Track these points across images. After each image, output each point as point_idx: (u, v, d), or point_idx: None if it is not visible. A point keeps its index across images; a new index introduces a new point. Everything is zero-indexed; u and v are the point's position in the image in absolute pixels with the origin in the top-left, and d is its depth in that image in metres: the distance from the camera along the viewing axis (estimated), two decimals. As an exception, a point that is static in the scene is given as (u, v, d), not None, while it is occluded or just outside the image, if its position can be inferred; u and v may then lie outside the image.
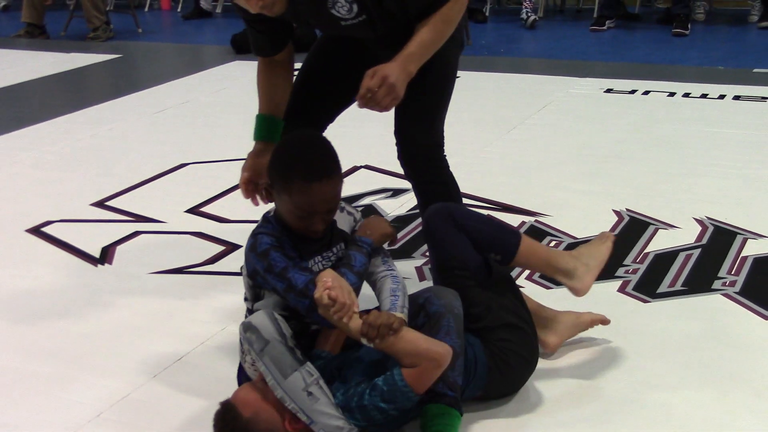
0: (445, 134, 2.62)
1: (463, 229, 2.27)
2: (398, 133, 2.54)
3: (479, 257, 2.28)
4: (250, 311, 2.23)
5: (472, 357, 2.15)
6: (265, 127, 2.56)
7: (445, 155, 2.61)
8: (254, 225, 2.18)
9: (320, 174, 2.05)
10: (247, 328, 1.98)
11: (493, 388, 2.20)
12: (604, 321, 2.49)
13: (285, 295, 2.07)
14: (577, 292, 2.36)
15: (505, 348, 2.18)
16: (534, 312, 2.37)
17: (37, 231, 3.44)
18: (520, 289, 2.37)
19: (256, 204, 2.54)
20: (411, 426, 2.07)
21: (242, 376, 2.19)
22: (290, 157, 2.09)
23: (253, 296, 2.20)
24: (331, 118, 2.73)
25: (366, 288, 2.15)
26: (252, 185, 2.51)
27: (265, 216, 2.20)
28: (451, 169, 2.63)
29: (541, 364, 2.35)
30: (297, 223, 2.10)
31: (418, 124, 2.48)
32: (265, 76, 2.57)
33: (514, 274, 2.90)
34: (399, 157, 2.59)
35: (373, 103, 2.21)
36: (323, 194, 2.05)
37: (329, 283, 1.98)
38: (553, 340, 2.41)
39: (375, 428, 2.01)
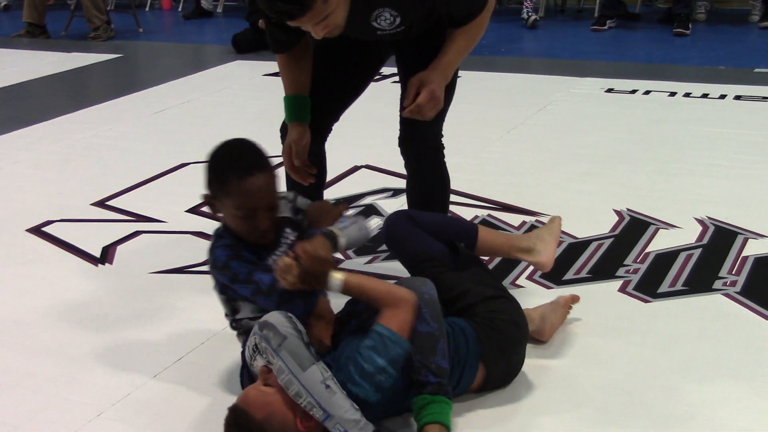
0: (445, 134, 2.71)
1: (421, 227, 2.41)
2: (405, 118, 2.54)
3: (442, 245, 2.41)
4: (232, 325, 2.28)
5: (462, 335, 2.17)
6: (296, 107, 2.59)
7: (444, 147, 2.72)
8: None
9: (251, 169, 2.14)
10: (263, 326, 1.99)
11: (490, 362, 2.19)
12: (575, 299, 2.58)
13: (254, 299, 2.15)
14: (543, 266, 2.55)
15: (490, 316, 2.22)
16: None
17: (37, 231, 3.44)
18: (522, 288, 2.38)
19: (306, 183, 2.61)
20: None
21: (245, 378, 2.20)
22: (221, 162, 2.20)
23: (231, 310, 2.26)
24: (336, 118, 2.77)
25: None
26: (294, 166, 2.59)
27: (216, 232, 2.25)
28: (452, 169, 2.69)
29: (541, 363, 2.35)
30: (245, 227, 2.17)
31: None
32: (288, 61, 2.58)
33: (511, 278, 2.90)
34: (401, 143, 2.66)
35: (419, 115, 2.35)
36: (259, 187, 2.14)
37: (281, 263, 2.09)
38: (546, 329, 2.46)
39: (386, 403, 2.03)
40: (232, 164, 2.17)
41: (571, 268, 2.94)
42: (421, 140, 2.66)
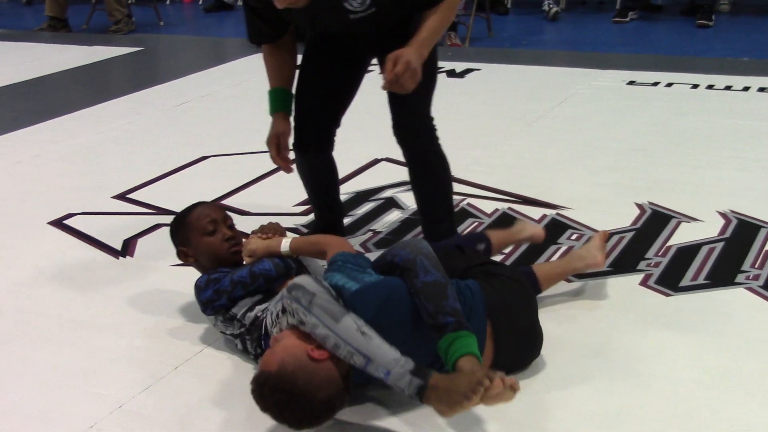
0: (465, 126, 2.71)
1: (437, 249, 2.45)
2: (394, 104, 2.72)
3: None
4: (240, 335, 2.37)
5: (467, 290, 2.22)
6: (280, 99, 2.82)
7: (437, 129, 2.78)
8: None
9: (195, 205, 2.59)
10: (291, 288, 2.04)
11: (497, 317, 2.20)
12: (606, 234, 2.78)
13: (246, 292, 2.36)
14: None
15: (490, 276, 2.31)
16: (568, 259, 2.70)
17: (59, 223, 3.46)
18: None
19: (290, 170, 2.87)
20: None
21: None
22: (175, 220, 2.62)
23: (229, 319, 2.38)
24: (337, 122, 2.89)
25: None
26: (282, 155, 2.82)
27: (196, 282, 2.47)
28: (472, 162, 2.67)
29: (558, 355, 2.34)
30: (215, 243, 2.51)
31: (415, 96, 2.54)
32: (271, 56, 2.80)
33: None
34: (395, 127, 2.77)
35: (398, 86, 2.39)
36: (208, 206, 2.58)
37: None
38: (600, 258, 2.66)
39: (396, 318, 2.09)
40: (180, 213, 2.61)
41: (592, 262, 2.93)
42: (411, 123, 2.74)
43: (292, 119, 2.84)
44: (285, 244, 2.42)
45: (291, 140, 2.85)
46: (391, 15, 2.54)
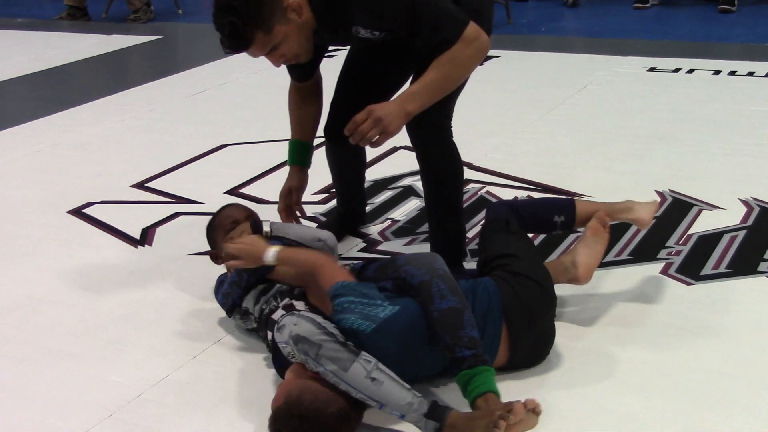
0: (484, 114, 2.66)
1: (519, 210, 2.48)
2: None
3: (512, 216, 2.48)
4: (255, 330, 2.41)
5: (485, 292, 2.19)
6: (298, 152, 2.85)
7: (451, 127, 2.67)
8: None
9: (227, 205, 2.76)
10: (297, 340, 2.00)
11: (513, 319, 2.18)
12: (602, 218, 2.53)
13: (242, 289, 2.40)
14: (642, 222, 2.59)
15: (513, 276, 2.24)
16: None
17: (78, 212, 3.47)
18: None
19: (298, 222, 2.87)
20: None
21: (279, 366, 2.21)
22: (210, 220, 2.72)
23: (245, 317, 2.42)
24: None
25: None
26: (289, 210, 2.86)
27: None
28: (491, 149, 2.64)
29: (576, 344, 2.33)
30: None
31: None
32: (295, 103, 2.81)
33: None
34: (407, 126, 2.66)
35: (359, 136, 2.29)
36: (232, 208, 2.71)
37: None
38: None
39: (404, 347, 2.07)
40: (212, 216, 2.71)
41: (612, 250, 2.90)
42: (423, 121, 2.58)
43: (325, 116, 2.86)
44: (271, 254, 2.32)
45: (304, 192, 2.91)
46: (406, 42, 2.41)
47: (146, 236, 3.23)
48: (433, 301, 2.08)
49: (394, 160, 3.85)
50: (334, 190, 3.24)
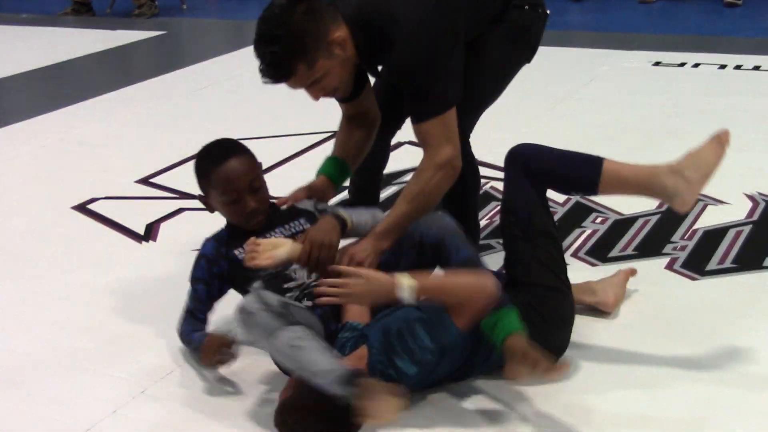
0: (488, 108, 2.68)
1: (536, 175, 2.34)
2: None
3: (532, 197, 2.31)
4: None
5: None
6: (333, 166, 2.57)
7: (470, 144, 2.62)
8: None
9: (227, 154, 2.31)
10: (238, 310, 2.03)
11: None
12: (633, 272, 2.57)
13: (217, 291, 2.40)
14: (680, 213, 2.46)
15: (539, 306, 2.17)
16: (580, 288, 2.43)
17: (82, 208, 3.47)
18: (567, 265, 2.34)
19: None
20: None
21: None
22: (202, 158, 2.37)
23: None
24: (402, 118, 2.75)
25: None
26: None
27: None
28: (496, 144, 2.62)
29: (585, 342, 2.32)
30: (234, 212, 2.32)
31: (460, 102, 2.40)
32: (345, 128, 2.60)
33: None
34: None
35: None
36: (237, 170, 2.29)
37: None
38: (611, 299, 2.46)
39: (422, 377, 2.05)
40: (209, 156, 2.35)
41: (617, 245, 2.90)
42: None
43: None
44: (407, 291, 2.00)
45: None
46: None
47: (150, 232, 3.23)
48: (450, 256, 2.12)
49: (398, 155, 3.84)
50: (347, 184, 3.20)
